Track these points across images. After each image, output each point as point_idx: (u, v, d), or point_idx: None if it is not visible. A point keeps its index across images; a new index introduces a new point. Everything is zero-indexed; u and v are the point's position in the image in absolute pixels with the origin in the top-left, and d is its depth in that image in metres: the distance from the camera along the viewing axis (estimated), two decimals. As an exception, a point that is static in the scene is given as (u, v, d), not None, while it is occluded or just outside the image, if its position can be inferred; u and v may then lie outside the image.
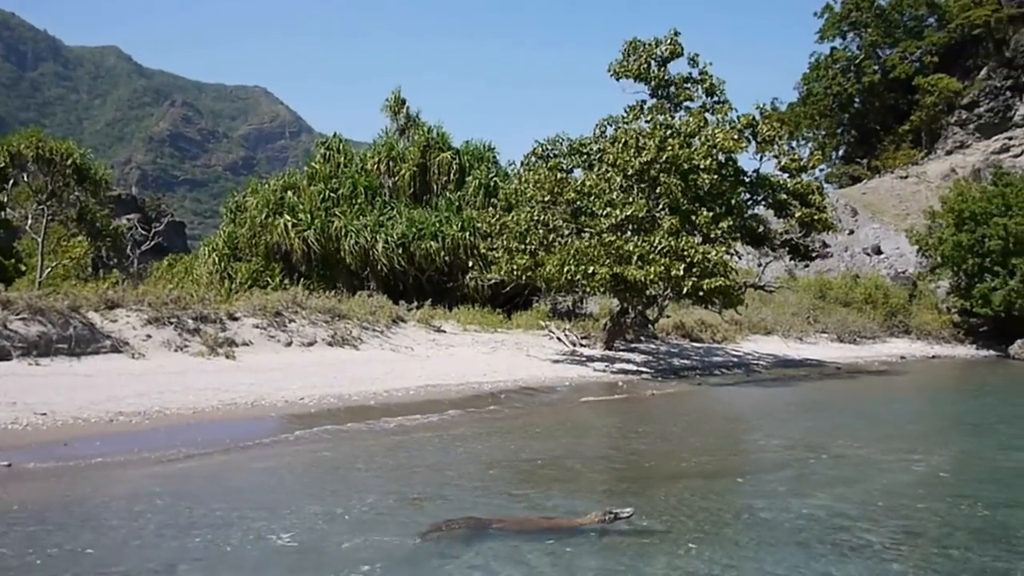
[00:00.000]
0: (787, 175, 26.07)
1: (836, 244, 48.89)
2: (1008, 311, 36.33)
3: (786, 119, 46.20)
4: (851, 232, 51.22)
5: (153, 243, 40.45)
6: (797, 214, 25.20)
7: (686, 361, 25.88)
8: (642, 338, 27.96)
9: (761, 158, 25.88)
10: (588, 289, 23.47)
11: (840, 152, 72.85)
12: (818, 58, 70.25)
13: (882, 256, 49.11)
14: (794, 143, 43.50)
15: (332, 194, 31.53)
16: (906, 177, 60.79)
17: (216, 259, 31.98)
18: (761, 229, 26.46)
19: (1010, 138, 61.70)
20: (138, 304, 18.49)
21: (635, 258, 21.43)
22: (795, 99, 71.50)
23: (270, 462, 10.65)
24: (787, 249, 27.24)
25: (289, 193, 31.71)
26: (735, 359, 27.62)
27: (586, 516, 7.52)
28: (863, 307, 38.85)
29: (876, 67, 67.23)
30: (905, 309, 39.74)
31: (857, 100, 69.02)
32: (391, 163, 33.26)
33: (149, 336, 17.56)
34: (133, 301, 18.60)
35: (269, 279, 29.18)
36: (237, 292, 25.28)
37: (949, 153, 62.85)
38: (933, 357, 34.37)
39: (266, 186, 33.22)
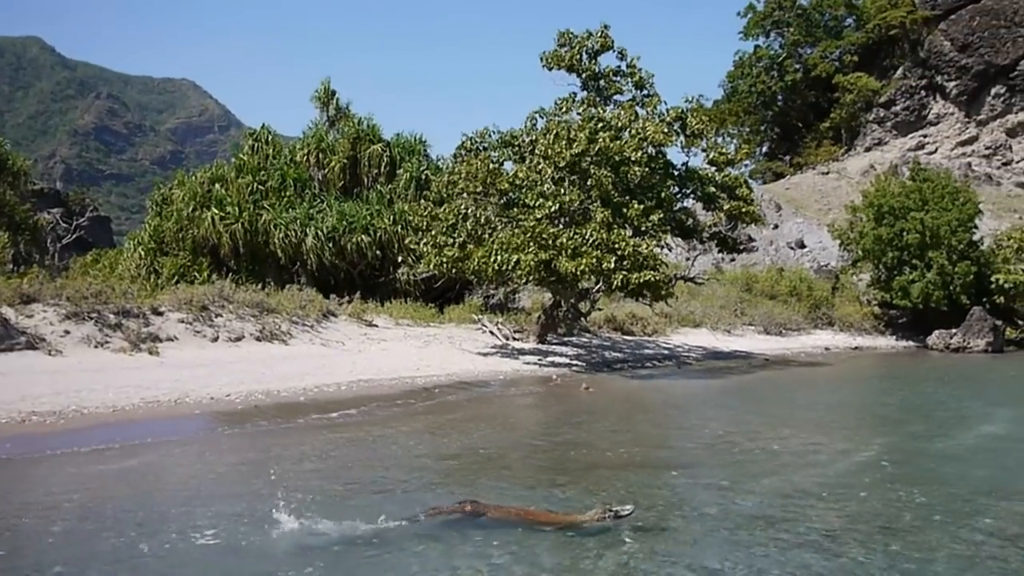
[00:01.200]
0: (715, 169, 26.60)
1: (761, 238, 50.13)
2: (926, 303, 37.69)
3: (712, 116, 47.06)
4: (775, 227, 52.57)
5: (75, 236, 38.94)
6: (726, 207, 25.72)
7: (618, 354, 26.16)
8: (574, 332, 28.15)
9: (688, 152, 26.35)
10: (516, 279, 23.50)
11: (764, 149, 74.76)
12: (742, 56, 71.93)
13: (805, 250, 50.55)
14: (720, 139, 44.38)
15: (261, 187, 30.86)
16: (827, 173, 62.71)
17: (142, 253, 31.07)
18: (690, 222, 26.92)
19: (925, 136, 64.27)
20: (56, 299, 17.76)
21: (567, 250, 21.55)
22: (720, 96, 73.10)
23: (192, 461, 10.35)
24: (715, 242, 27.78)
25: (217, 186, 30.92)
26: (666, 352, 28.06)
27: (585, 513, 7.34)
28: (788, 300, 39.84)
29: (798, 66, 69.13)
30: (828, 301, 40.88)
31: (780, 98, 70.87)
32: (321, 155, 32.72)
33: (67, 332, 16.86)
34: (51, 295, 17.86)
35: (196, 274, 28.42)
36: (163, 287, 24.56)
37: (868, 150, 65.12)
38: (856, 348, 35.49)
39: (193, 178, 32.31)
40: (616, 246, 21.57)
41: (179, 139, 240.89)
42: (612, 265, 21.39)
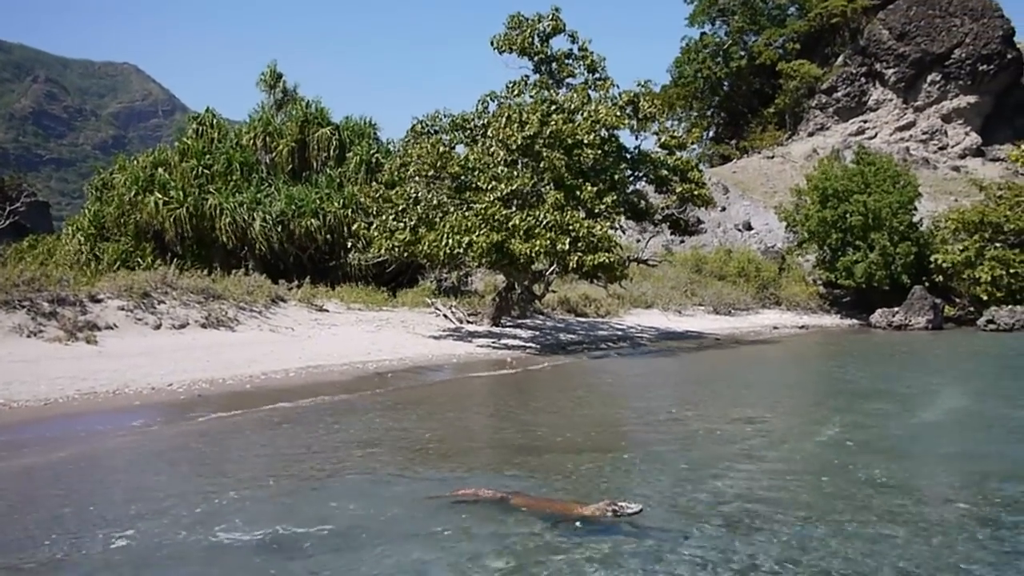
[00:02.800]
0: (666, 152, 26.66)
1: (709, 220, 50.57)
2: (869, 282, 38.61)
3: (661, 100, 47.33)
4: (723, 209, 53.07)
5: (9, 222, 37.21)
6: (678, 189, 25.80)
7: (572, 336, 26.12)
8: (528, 314, 28.05)
9: (639, 136, 26.34)
10: (470, 262, 23.25)
11: (710, 133, 75.48)
12: (689, 42, 72.41)
13: (752, 231, 51.21)
14: (670, 123, 44.62)
15: (206, 171, 30.03)
16: (772, 157, 63.59)
17: (81, 239, 30.04)
18: (642, 204, 26.96)
19: (865, 121, 65.52)
20: (-16, 287, 16.94)
21: (520, 232, 21.37)
22: (668, 81, 73.47)
23: (126, 455, 9.85)
24: (668, 224, 27.89)
25: (160, 170, 30.01)
26: (620, 333, 28.10)
27: (589, 506, 6.91)
28: (737, 280, 40.39)
29: (743, 52, 69.81)
30: (775, 282, 41.54)
31: (726, 83, 71.59)
32: (268, 138, 31.99)
33: (-2, 321, 16.11)
34: (-22, 284, 17.02)
35: (140, 259, 27.60)
36: (105, 273, 23.72)
37: (811, 135, 66.14)
38: (802, 327, 36.07)
39: (135, 162, 31.30)
40: (570, 227, 21.46)
41: (122, 124, 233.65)
42: (566, 247, 21.30)
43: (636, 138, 26.66)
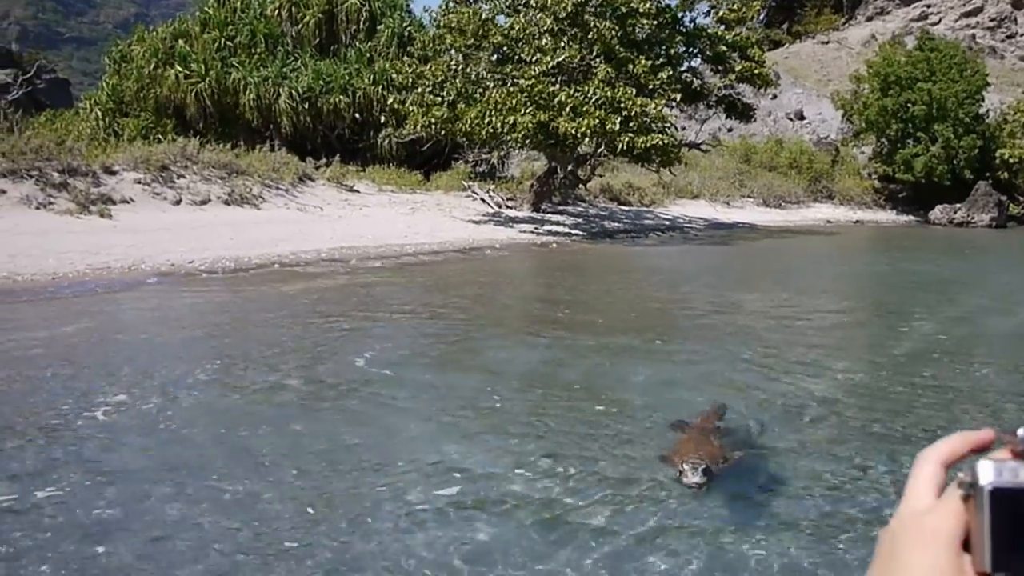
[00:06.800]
0: (723, 27, 24.32)
1: (760, 108, 47.67)
2: (928, 177, 36.26)
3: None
4: (774, 97, 50.00)
5: (23, 92, 35.87)
6: (737, 68, 23.58)
7: (617, 224, 24.56)
8: (569, 201, 26.45)
9: (687, 12, 23.83)
10: (512, 143, 21.50)
11: (761, 16, 71.02)
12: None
13: (805, 121, 48.43)
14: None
15: (228, 43, 28.17)
16: (827, 43, 59.75)
17: (100, 114, 28.63)
18: (696, 84, 24.81)
19: (928, 5, 61.01)
20: (-11, 155, 15.67)
21: (567, 109, 19.53)
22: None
23: (138, 331, 8.76)
24: (724, 106, 25.78)
25: (180, 42, 28.24)
26: (667, 222, 26.50)
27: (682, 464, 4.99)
28: (788, 172, 38.20)
29: (801, -77, 64.82)
30: (828, 175, 39.27)
31: (780, -39, 66.80)
32: (293, 9, 29.84)
33: (3, 191, 14.87)
34: (-17, 151, 15.75)
35: (160, 136, 26.19)
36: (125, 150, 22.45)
37: (869, 19, 61.92)
38: (857, 221, 34.14)
39: (154, 34, 29.51)
40: (621, 105, 19.56)
41: (144, 1, 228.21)
42: (616, 127, 19.43)
43: (685, 13, 24.19)
